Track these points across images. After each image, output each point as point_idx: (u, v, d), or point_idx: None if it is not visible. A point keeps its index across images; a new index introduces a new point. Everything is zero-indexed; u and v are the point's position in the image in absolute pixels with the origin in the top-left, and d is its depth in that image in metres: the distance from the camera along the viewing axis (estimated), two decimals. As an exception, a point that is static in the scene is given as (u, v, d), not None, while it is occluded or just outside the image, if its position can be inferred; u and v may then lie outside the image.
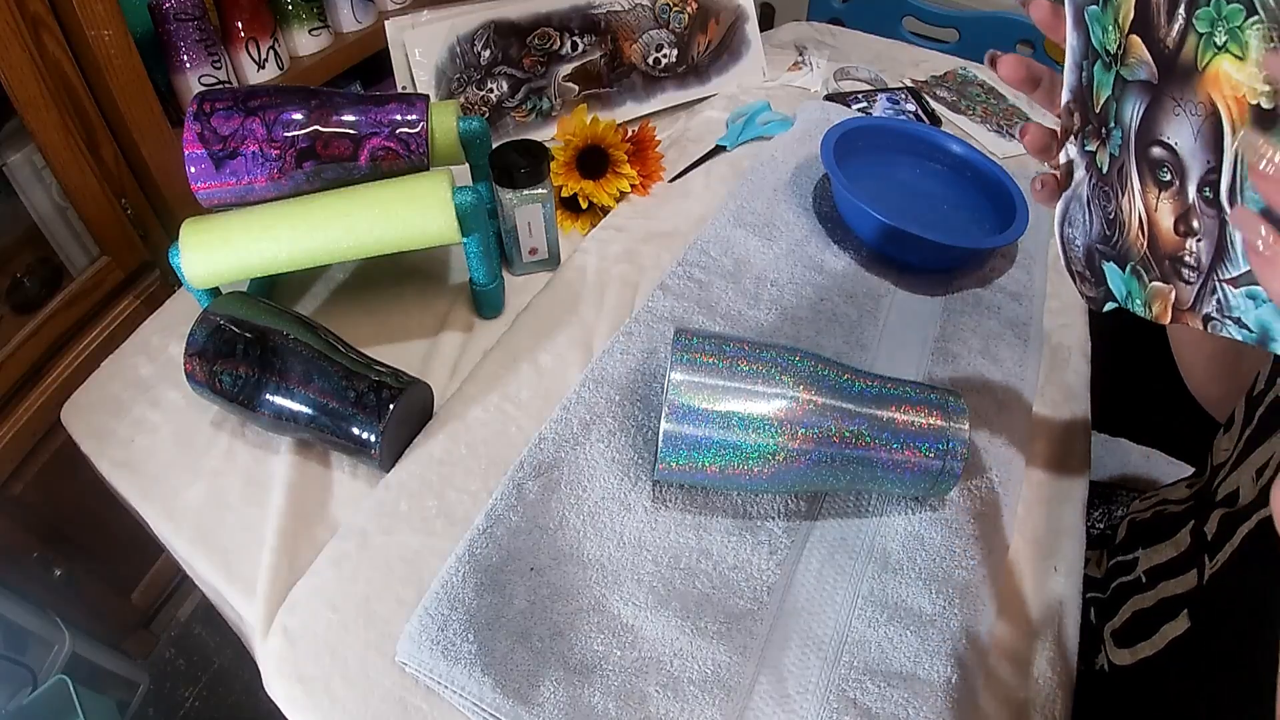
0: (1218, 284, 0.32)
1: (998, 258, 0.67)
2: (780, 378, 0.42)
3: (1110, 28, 0.33)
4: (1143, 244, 0.35)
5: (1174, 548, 0.45)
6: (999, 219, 0.67)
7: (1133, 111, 0.33)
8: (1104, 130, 0.36)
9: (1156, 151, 0.33)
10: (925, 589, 0.44)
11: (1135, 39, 0.32)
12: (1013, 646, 0.44)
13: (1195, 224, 0.32)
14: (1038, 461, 0.53)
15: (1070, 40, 0.35)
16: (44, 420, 0.74)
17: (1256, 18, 0.26)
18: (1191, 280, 0.33)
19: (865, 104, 0.87)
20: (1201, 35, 0.28)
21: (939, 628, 0.42)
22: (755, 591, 0.44)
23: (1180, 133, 0.31)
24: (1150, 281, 0.36)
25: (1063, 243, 0.41)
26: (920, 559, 0.45)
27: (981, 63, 0.98)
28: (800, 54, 0.96)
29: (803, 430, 0.42)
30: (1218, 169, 0.30)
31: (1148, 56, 0.31)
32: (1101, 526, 0.61)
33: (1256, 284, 0.30)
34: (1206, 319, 0.33)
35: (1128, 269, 0.37)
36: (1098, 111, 0.35)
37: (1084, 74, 0.36)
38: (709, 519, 0.47)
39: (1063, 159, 0.39)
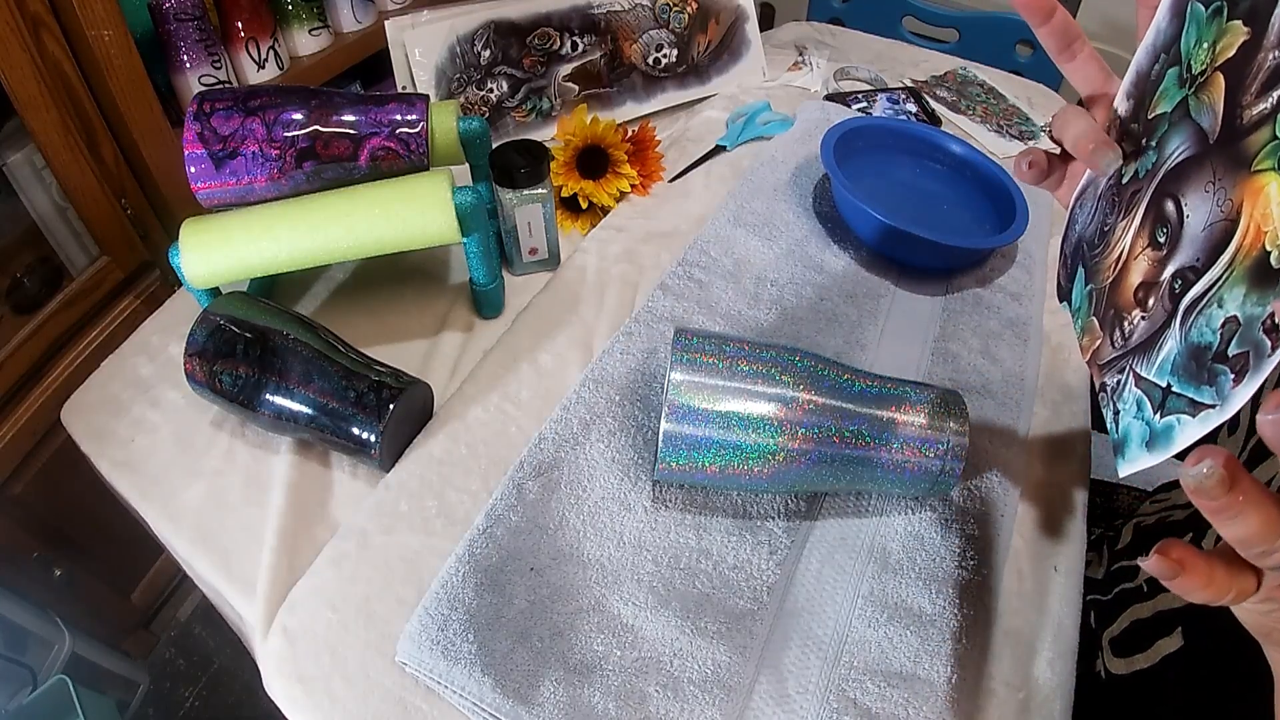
0: (1128, 368, 0.29)
1: (998, 258, 0.67)
2: (780, 378, 0.42)
3: (1206, 45, 0.28)
4: (1108, 278, 0.32)
5: None
6: (999, 219, 0.67)
7: (1175, 150, 0.29)
8: (1144, 142, 0.31)
9: (1169, 207, 0.28)
10: (925, 589, 0.44)
11: (1220, 78, 0.27)
12: (1012, 646, 0.44)
13: (1150, 302, 0.28)
14: (1038, 461, 0.53)
15: (1160, 21, 0.30)
16: (44, 420, 0.74)
17: None
18: (1116, 345, 0.31)
19: (865, 104, 0.87)
20: (1275, 139, 0.24)
21: (939, 628, 0.42)
22: (755, 591, 0.44)
23: (1197, 210, 0.27)
24: (1091, 314, 0.33)
25: (1069, 218, 0.38)
26: (920, 559, 0.45)
27: (981, 63, 0.99)
28: (800, 54, 0.96)
29: (803, 430, 0.42)
30: (1200, 273, 0.26)
31: (1220, 108, 0.26)
32: (1102, 528, 0.61)
33: (1148, 396, 0.27)
34: (1103, 387, 0.31)
35: (1088, 287, 0.34)
36: (1149, 118, 0.31)
37: (1156, 67, 0.30)
38: (709, 519, 0.47)
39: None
